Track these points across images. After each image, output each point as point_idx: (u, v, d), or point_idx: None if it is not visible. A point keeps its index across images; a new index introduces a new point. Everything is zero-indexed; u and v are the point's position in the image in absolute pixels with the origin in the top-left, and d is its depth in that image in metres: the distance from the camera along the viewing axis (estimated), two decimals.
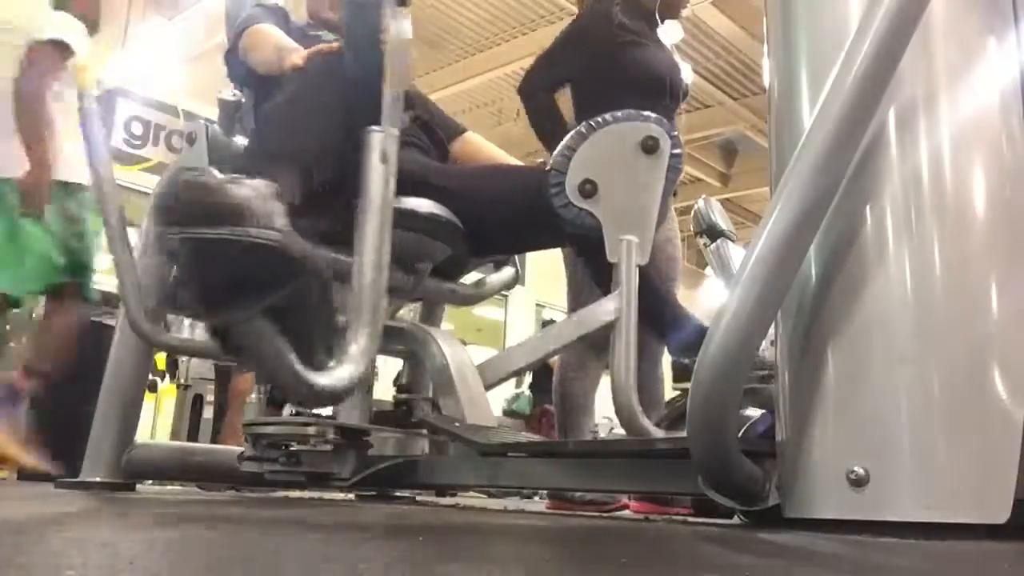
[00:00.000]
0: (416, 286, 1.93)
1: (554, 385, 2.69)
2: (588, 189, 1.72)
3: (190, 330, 4.13)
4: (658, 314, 2.01)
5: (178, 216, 1.08)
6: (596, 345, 2.51)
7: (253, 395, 1.95)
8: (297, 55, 1.76)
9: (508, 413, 6.97)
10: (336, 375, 1.25)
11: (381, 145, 1.42)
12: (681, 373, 1.97)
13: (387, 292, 1.81)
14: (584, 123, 1.77)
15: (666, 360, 2.00)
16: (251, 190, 1.12)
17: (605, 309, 1.77)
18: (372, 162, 1.41)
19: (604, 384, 2.09)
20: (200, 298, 1.13)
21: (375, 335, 1.35)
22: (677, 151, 1.77)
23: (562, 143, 1.77)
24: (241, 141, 1.94)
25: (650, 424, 1.75)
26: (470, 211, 1.87)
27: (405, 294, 2.03)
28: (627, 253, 1.74)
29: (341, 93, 1.54)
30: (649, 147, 1.73)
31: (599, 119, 1.77)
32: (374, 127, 1.43)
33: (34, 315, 3.17)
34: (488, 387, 1.81)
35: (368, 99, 1.45)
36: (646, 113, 1.76)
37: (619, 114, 1.79)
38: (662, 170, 1.74)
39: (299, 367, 1.17)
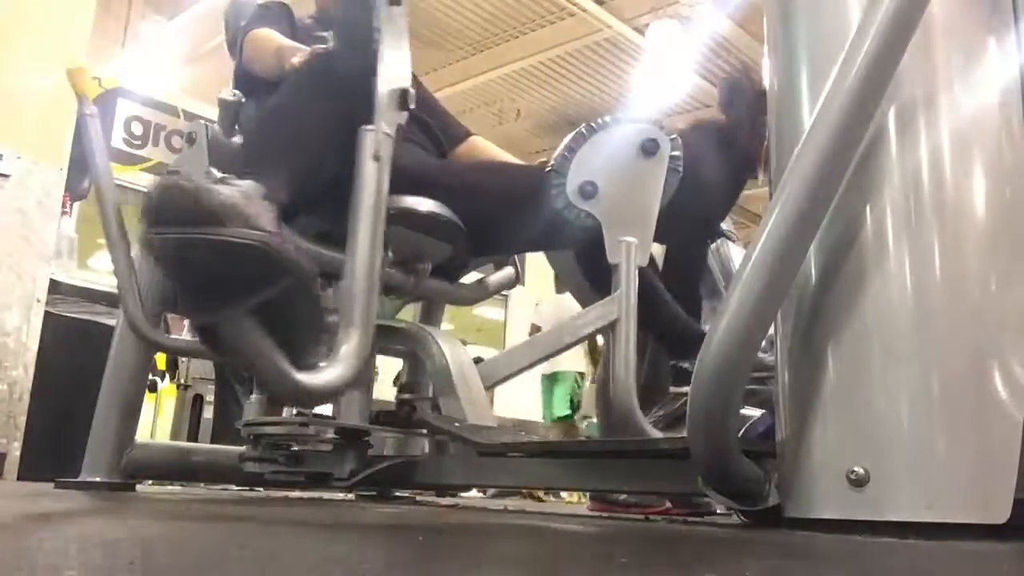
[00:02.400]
0: (416, 286, 1.93)
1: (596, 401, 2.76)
2: (589, 190, 1.73)
3: (189, 331, 4.12)
4: (657, 317, 2.01)
5: (157, 217, 1.08)
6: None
7: (254, 394, 1.95)
8: (296, 56, 1.76)
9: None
10: (324, 375, 1.25)
11: (374, 144, 1.42)
12: (680, 377, 1.97)
13: (384, 292, 1.82)
14: (585, 124, 1.77)
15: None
16: (235, 191, 1.12)
17: (605, 311, 1.77)
18: (365, 161, 1.42)
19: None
20: (184, 298, 1.13)
21: (367, 335, 1.35)
22: (676, 153, 1.78)
23: (562, 144, 1.78)
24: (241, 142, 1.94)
25: (648, 425, 1.76)
26: (470, 210, 1.86)
27: (405, 294, 2.02)
28: (627, 254, 1.74)
29: (333, 92, 1.54)
30: (648, 149, 1.74)
31: (599, 121, 1.78)
32: (367, 126, 1.43)
33: None
34: (488, 388, 1.81)
35: (361, 98, 1.45)
36: (645, 116, 1.78)
37: (619, 116, 1.80)
38: (661, 172, 1.75)
39: (285, 366, 1.17)
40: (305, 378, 1.21)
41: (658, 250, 2.27)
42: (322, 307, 1.25)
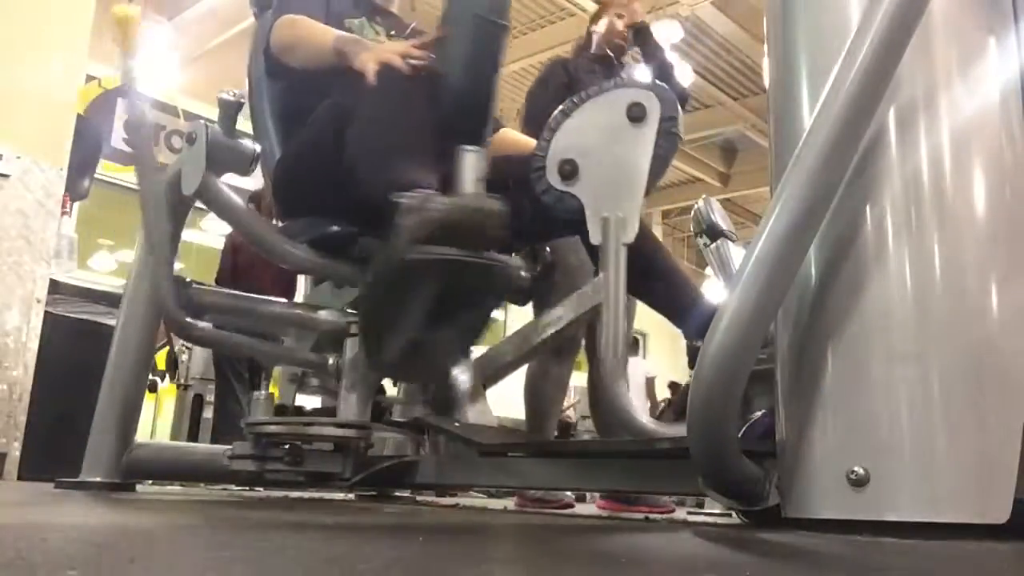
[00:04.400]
0: None
1: (524, 391, 2.79)
2: (568, 170, 1.62)
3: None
4: (672, 299, 1.89)
5: (456, 237, 1.22)
6: (559, 351, 2.55)
7: (260, 391, 1.93)
8: (372, 62, 1.58)
9: None
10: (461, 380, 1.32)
11: (479, 166, 1.43)
12: (696, 357, 1.87)
13: None
14: (568, 100, 1.67)
15: (681, 348, 1.88)
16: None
17: (587, 296, 1.65)
18: (467, 182, 1.42)
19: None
20: (429, 316, 1.20)
21: None
22: (672, 115, 1.61)
23: (546, 125, 1.68)
24: (244, 143, 1.93)
25: (640, 416, 1.70)
26: None
27: None
28: (608, 232, 1.60)
29: (441, 110, 1.51)
30: (635, 115, 1.60)
31: (584, 93, 1.66)
32: (467, 147, 1.43)
33: None
34: (485, 385, 1.80)
35: (471, 119, 1.46)
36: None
37: (608, 83, 1.68)
38: (649, 139, 1.60)
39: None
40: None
41: None
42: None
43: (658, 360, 9.27)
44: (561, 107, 1.67)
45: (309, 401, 2.06)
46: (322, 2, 1.98)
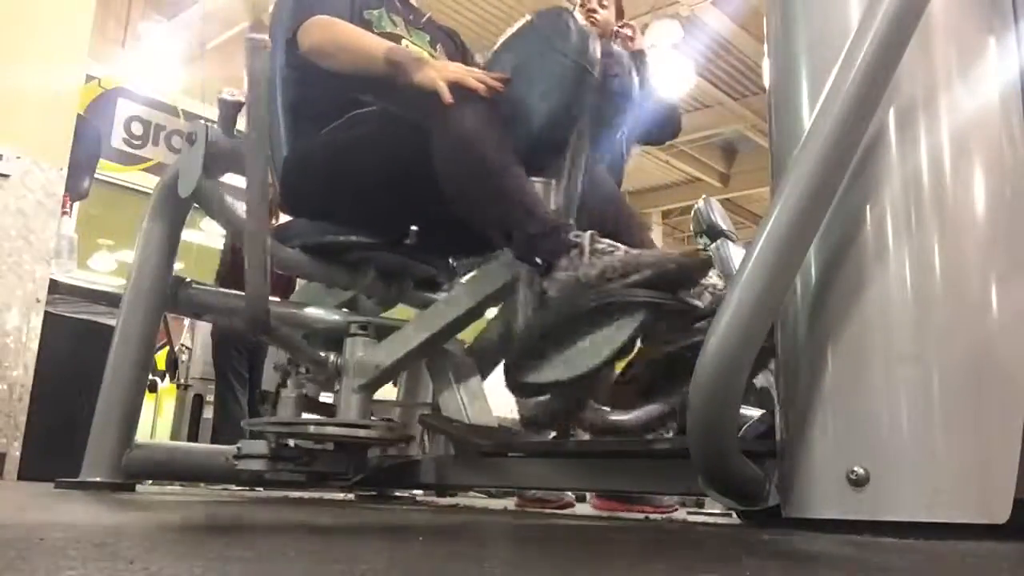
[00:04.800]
0: (398, 297, 1.96)
1: None
2: None
3: (189, 330, 4.11)
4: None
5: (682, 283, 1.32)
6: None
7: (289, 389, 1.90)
8: (443, 79, 1.52)
9: None
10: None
11: (556, 198, 1.52)
12: None
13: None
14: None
15: None
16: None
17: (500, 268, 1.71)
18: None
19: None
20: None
21: None
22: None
23: None
24: (243, 143, 1.91)
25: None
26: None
27: (388, 304, 2.04)
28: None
29: (520, 138, 1.50)
30: None
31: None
32: (541, 178, 1.51)
33: None
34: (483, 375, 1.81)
35: (544, 153, 1.49)
36: None
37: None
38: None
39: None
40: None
41: None
42: None
43: None
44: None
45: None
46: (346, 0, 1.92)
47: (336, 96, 1.78)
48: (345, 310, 1.96)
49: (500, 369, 1.54)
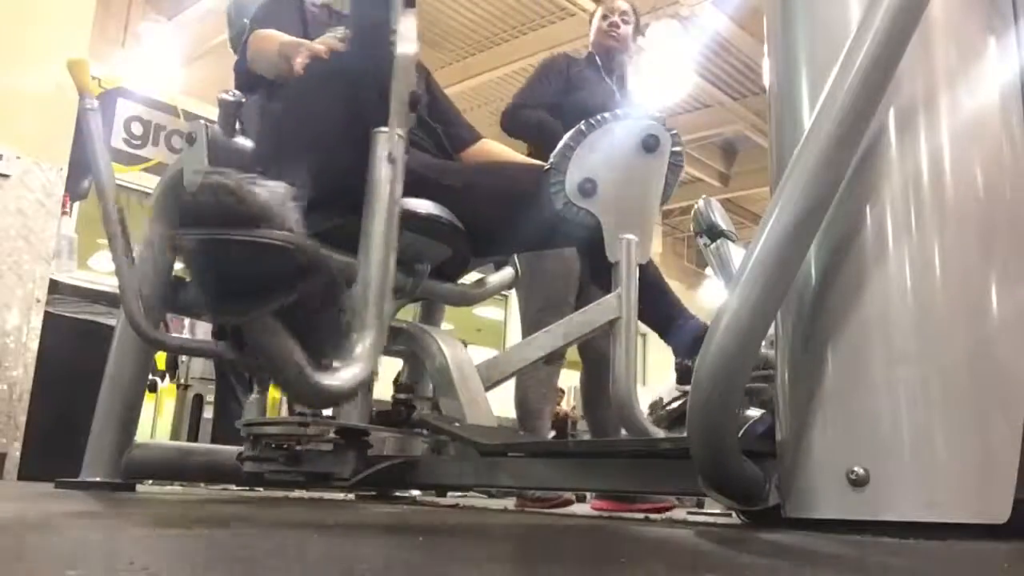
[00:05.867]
0: (416, 287, 1.93)
1: (515, 392, 2.85)
2: (588, 188, 1.72)
3: (190, 330, 4.11)
4: (661, 314, 2.01)
5: (198, 217, 1.10)
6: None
7: (253, 394, 1.95)
8: (299, 56, 1.72)
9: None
10: (341, 375, 1.26)
11: (388, 146, 1.42)
12: (685, 375, 1.97)
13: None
14: (584, 121, 1.77)
15: (670, 362, 2.00)
16: (270, 192, 1.13)
17: (606, 308, 1.76)
18: (379, 163, 1.41)
19: None
20: (215, 297, 1.15)
21: (380, 336, 1.36)
22: (677, 149, 1.78)
23: (562, 142, 1.77)
24: (243, 142, 1.93)
25: (650, 424, 1.75)
26: (470, 210, 1.86)
27: (405, 295, 2.02)
28: (627, 252, 1.74)
29: (348, 93, 1.54)
30: (649, 145, 1.74)
31: (599, 118, 1.77)
32: (381, 128, 1.43)
33: None
34: (488, 387, 1.81)
35: (375, 100, 1.45)
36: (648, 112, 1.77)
37: (619, 112, 1.79)
38: (662, 168, 1.75)
39: (306, 367, 1.18)
40: (324, 379, 1.22)
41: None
42: (341, 309, 1.27)
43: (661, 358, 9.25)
44: (579, 127, 1.76)
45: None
46: (297, 14, 2.08)
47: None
48: None
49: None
